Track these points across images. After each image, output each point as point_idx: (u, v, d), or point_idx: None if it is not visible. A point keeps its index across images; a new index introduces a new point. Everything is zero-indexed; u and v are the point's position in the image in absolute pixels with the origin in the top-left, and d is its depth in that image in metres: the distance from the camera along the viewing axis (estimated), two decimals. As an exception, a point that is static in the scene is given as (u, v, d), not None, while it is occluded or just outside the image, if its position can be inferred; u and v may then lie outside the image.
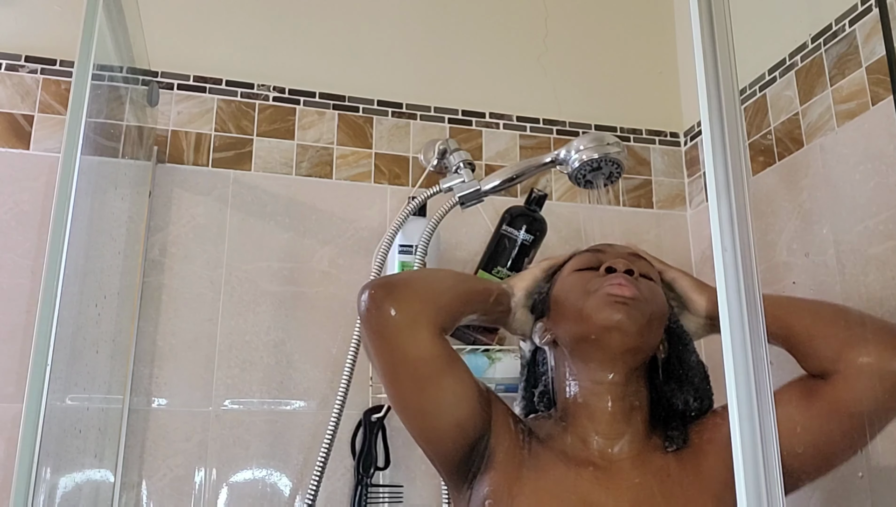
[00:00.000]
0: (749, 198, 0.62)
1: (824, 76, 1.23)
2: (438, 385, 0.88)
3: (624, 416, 0.90)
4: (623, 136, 1.57)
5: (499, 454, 0.89)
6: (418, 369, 0.88)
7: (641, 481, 0.86)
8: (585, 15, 1.65)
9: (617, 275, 0.90)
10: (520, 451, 0.90)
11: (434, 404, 0.89)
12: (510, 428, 0.92)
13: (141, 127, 1.28)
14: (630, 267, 0.91)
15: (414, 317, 0.88)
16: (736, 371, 0.58)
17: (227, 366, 1.29)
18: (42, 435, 0.76)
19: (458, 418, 0.89)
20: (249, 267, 1.34)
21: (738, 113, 0.66)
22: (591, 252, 0.98)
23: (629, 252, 0.98)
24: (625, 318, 0.87)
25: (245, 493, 1.25)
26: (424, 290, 0.93)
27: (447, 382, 0.89)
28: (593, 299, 0.89)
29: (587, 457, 0.88)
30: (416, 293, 0.91)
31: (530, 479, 0.87)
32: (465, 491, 0.91)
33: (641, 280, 0.92)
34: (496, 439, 0.90)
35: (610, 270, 0.92)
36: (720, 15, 0.67)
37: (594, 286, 0.90)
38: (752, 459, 0.56)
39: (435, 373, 0.88)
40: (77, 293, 0.89)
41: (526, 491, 0.86)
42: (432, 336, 0.88)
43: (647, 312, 0.89)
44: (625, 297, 0.87)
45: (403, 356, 0.88)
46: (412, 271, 1.24)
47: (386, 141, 1.47)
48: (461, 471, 0.91)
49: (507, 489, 0.87)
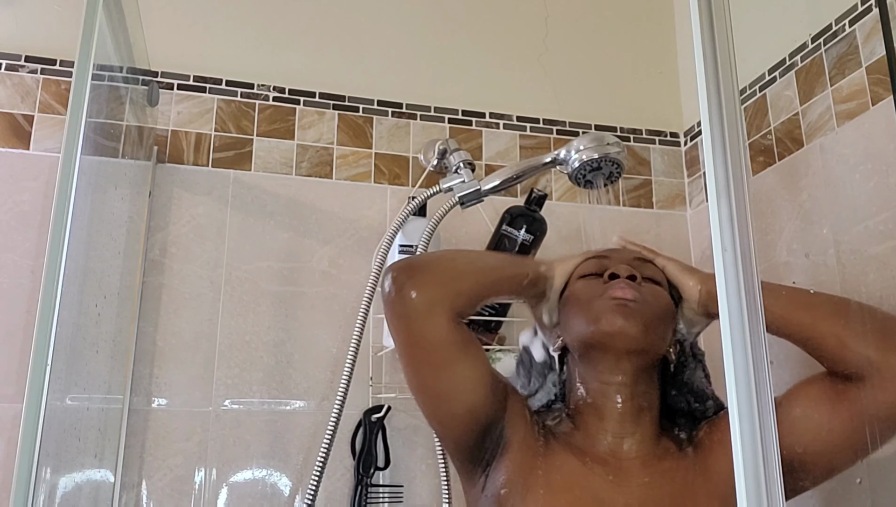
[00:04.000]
0: (749, 198, 0.62)
1: (824, 76, 1.23)
2: (453, 370, 0.90)
3: (633, 416, 0.91)
4: (623, 136, 1.57)
5: (514, 443, 0.91)
6: (434, 354, 0.90)
7: (651, 480, 0.87)
8: (585, 15, 1.64)
9: (619, 280, 0.91)
10: (535, 443, 0.91)
11: (448, 389, 0.91)
12: (526, 420, 0.93)
13: (141, 127, 1.28)
14: (633, 272, 0.93)
15: (432, 302, 0.90)
16: (736, 371, 0.58)
17: (227, 366, 1.29)
18: (42, 435, 0.76)
19: (472, 404, 0.90)
20: (249, 267, 1.34)
21: (738, 113, 0.66)
22: (597, 258, 0.99)
23: (634, 257, 0.99)
24: (627, 320, 0.88)
25: (245, 493, 1.25)
26: (446, 275, 0.95)
27: (462, 367, 0.90)
28: (597, 305, 0.91)
29: (598, 455, 0.89)
30: (436, 278, 0.93)
31: (544, 472, 0.88)
32: (478, 479, 0.92)
33: (645, 284, 0.93)
34: (512, 429, 0.91)
35: (613, 276, 0.93)
36: (720, 15, 0.67)
37: (597, 292, 0.92)
38: (752, 459, 0.56)
39: (450, 358, 0.90)
40: (77, 293, 0.89)
41: (540, 482, 0.87)
42: (449, 322, 0.90)
43: (649, 314, 0.89)
44: (626, 299, 0.88)
45: (420, 340, 0.91)
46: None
47: (386, 141, 1.47)
48: (474, 458, 0.92)
49: (522, 479, 0.88)
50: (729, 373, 0.58)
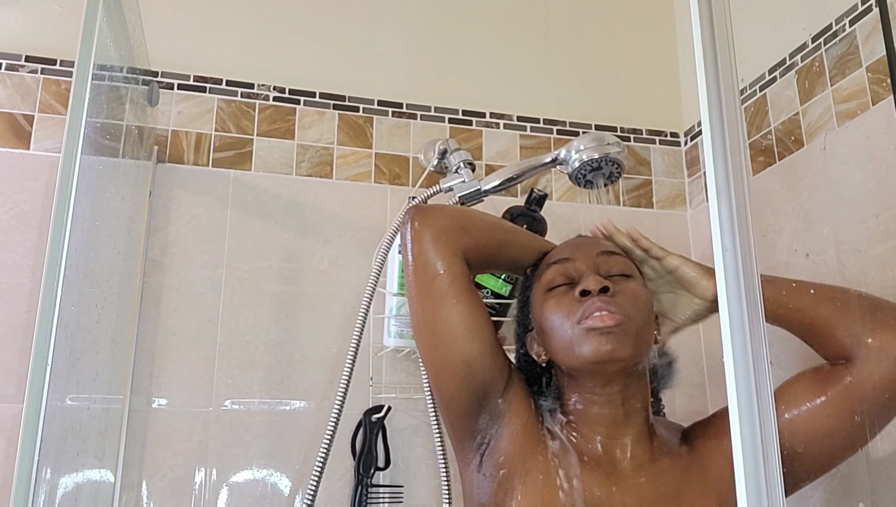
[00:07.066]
0: (749, 198, 0.62)
1: (824, 76, 1.23)
2: (451, 310, 0.91)
3: (625, 419, 0.90)
4: (623, 136, 1.57)
5: (515, 425, 0.90)
6: (435, 283, 0.92)
7: (646, 480, 0.87)
8: (585, 15, 1.65)
9: (593, 301, 0.86)
10: (537, 430, 0.91)
11: (444, 328, 0.91)
12: (529, 407, 0.93)
13: (141, 127, 1.28)
14: (604, 284, 0.88)
15: (441, 231, 0.93)
16: (736, 371, 0.58)
17: (227, 366, 1.29)
18: (42, 435, 0.76)
19: (467, 355, 0.90)
20: (249, 267, 1.34)
21: (739, 113, 0.66)
22: (559, 263, 0.94)
23: (598, 251, 0.94)
24: (614, 348, 0.85)
25: (245, 493, 1.25)
26: (459, 215, 0.98)
27: (460, 309, 0.91)
28: (576, 333, 0.87)
29: (593, 455, 0.89)
30: (448, 214, 0.97)
31: (545, 459, 0.88)
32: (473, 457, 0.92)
33: (619, 287, 0.89)
34: (512, 410, 0.91)
35: (584, 292, 0.88)
36: (720, 15, 0.67)
37: (574, 316, 0.87)
38: (752, 459, 0.56)
39: (451, 293, 0.91)
40: (77, 293, 0.89)
41: (540, 468, 0.87)
42: (454, 254, 0.92)
43: (633, 329, 0.87)
44: (608, 327, 0.85)
45: (424, 265, 0.92)
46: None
47: (386, 141, 1.47)
48: (470, 429, 0.92)
49: (522, 461, 0.88)
50: (729, 373, 0.58)
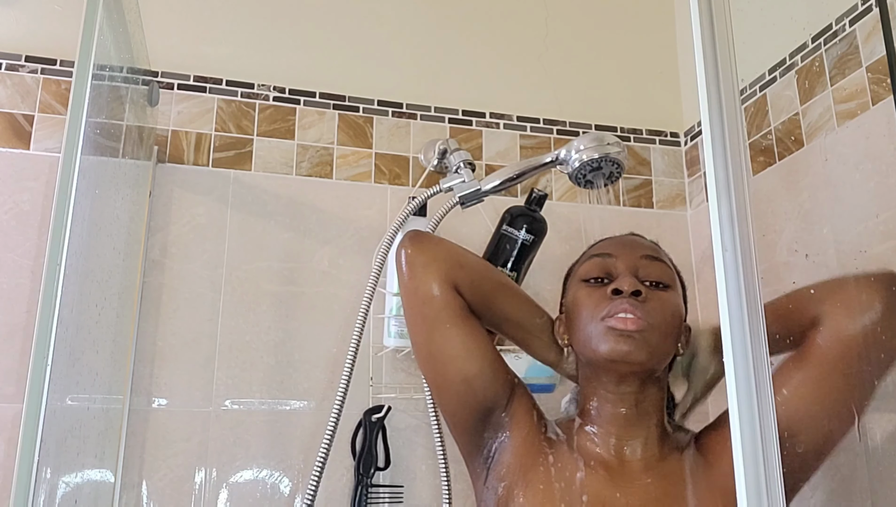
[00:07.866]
0: (749, 198, 0.62)
1: (824, 76, 1.23)
2: (445, 332, 0.93)
3: (638, 420, 0.91)
4: (623, 136, 1.57)
5: (517, 438, 0.91)
6: (424, 308, 0.94)
7: (653, 481, 0.88)
8: (585, 15, 1.64)
9: (622, 301, 0.87)
10: (539, 442, 0.92)
11: (440, 350, 0.93)
12: (532, 419, 0.94)
13: (141, 127, 1.28)
14: (637, 287, 0.88)
15: (430, 259, 0.96)
16: (736, 371, 0.58)
17: (227, 366, 1.29)
18: (42, 435, 0.76)
19: (466, 374, 0.92)
20: (249, 267, 1.34)
21: (739, 113, 0.66)
22: (601, 256, 0.95)
23: (641, 254, 0.94)
24: (631, 350, 0.86)
25: (245, 493, 1.25)
26: (455, 251, 1.00)
27: (454, 332, 0.93)
28: (599, 328, 0.88)
29: (602, 457, 0.90)
30: (445, 246, 0.99)
31: (546, 469, 0.89)
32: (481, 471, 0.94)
33: (651, 294, 0.89)
34: (515, 423, 0.92)
35: (617, 291, 0.89)
36: (720, 15, 0.67)
37: (600, 312, 0.88)
38: (752, 459, 0.56)
39: (442, 318, 0.93)
40: (77, 293, 0.89)
41: (541, 477, 0.88)
42: (442, 282, 0.94)
43: (654, 338, 0.87)
44: (628, 331, 0.86)
45: (416, 288, 0.95)
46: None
47: (386, 141, 1.47)
48: (476, 444, 0.94)
49: (523, 473, 0.89)
50: (729, 373, 0.58)
